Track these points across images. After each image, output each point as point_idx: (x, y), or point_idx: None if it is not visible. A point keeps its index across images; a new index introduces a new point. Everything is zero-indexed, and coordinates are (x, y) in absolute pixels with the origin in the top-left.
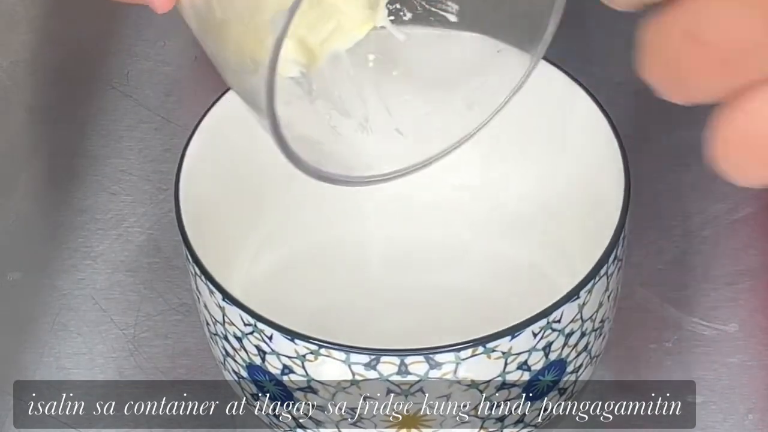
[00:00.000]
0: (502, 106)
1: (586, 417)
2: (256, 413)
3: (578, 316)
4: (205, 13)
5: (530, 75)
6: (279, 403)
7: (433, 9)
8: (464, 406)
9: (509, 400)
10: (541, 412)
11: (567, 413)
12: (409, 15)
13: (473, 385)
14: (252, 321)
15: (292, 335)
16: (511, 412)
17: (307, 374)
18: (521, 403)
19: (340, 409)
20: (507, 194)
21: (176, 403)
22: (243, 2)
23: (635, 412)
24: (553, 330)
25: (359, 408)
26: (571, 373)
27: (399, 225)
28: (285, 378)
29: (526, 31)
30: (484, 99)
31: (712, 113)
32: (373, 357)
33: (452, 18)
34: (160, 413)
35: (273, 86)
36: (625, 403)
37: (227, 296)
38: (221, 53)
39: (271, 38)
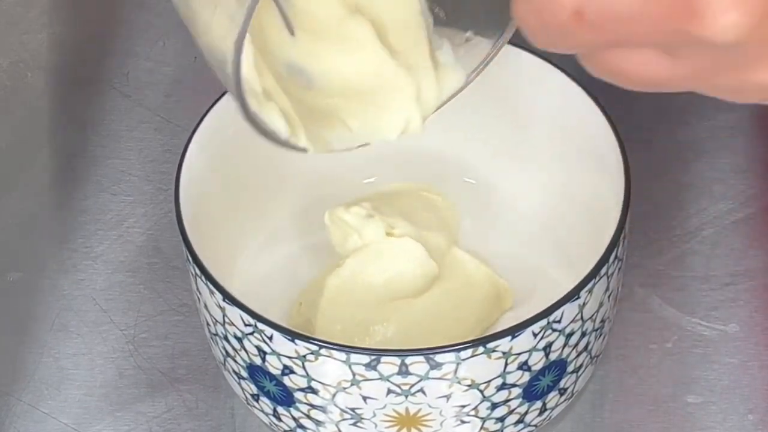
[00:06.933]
0: (479, 71)
1: (587, 417)
2: (256, 413)
3: (579, 316)
4: None
5: (490, 61)
6: (279, 403)
7: None
8: (464, 406)
9: (509, 400)
10: (541, 412)
11: (567, 413)
12: None
13: (473, 385)
14: (252, 321)
15: (292, 335)
16: (511, 412)
17: (307, 374)
18: (521, 404)
19: (340, 409)
20: (507, 194)
21: (176, 403)
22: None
23: (635, 413)
24: (554, 330)
25: (360, 408)
26: (572, 373)
27: None
28: (285, 378)
29: (490, 20)
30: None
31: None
32: (373, 357)
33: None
34: (160, 413)
35: (240, 82)
36: (625, 403)
37: (227, 296)
38: (194, 34)
39: (231, 37)
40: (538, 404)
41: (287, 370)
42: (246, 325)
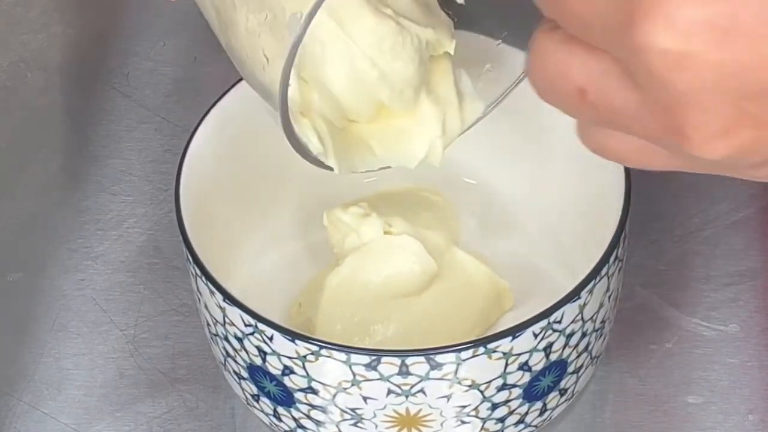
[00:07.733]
0: (498, 102)
1: (587, 417)
2: (256, 413)
3: (579, 317)
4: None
5: (510, 92)
6: (279, 403)
7: None
8: (465, 406)
9: (510, 400)
10: (542, 412)
11: (567, 414)
12: None
13: (474, 385)
14: (253, 321)
15: (292, 336)
16: (511, 413)
17: (307, 375)
18: (522, 404)
19: (340, 409)
20: (507, 194)
21: (176, 403)
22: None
23: (636, 413)
24: (554, 330)
25: (360, 408)
26: (572, 373)
27: None
28: (286, 378)
29: (523, 30)
30: (484, 94)
31: None
32: (373, 357)
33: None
34: (161, 413)
35: (286, 91)
36: (625, 403)
37: (228, 297)
38: (234, 43)
39: (288, 40)
40: (539, 405)
41: (287, 371)
42: (246, 325)
